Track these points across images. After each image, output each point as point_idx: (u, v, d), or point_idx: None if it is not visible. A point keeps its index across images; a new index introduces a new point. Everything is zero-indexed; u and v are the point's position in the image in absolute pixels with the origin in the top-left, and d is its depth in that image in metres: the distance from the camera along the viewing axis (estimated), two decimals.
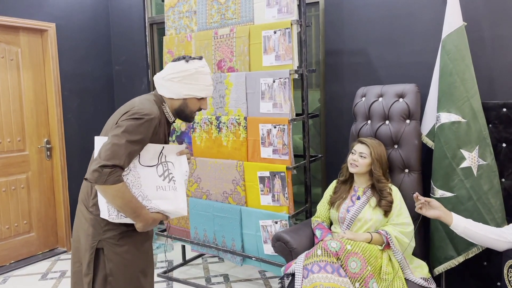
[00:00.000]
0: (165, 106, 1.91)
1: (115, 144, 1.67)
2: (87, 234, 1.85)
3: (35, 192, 3.98)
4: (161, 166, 1.87)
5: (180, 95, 1.89)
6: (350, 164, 2.51)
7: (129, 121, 1.72)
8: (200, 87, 1.89)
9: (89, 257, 1.82)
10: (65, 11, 4.11)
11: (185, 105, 1.92)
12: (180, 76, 1.86)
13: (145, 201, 1.80)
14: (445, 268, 2.52)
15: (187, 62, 1.87)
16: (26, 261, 3.88)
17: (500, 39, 2.62)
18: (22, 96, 3.86)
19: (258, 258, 2.96)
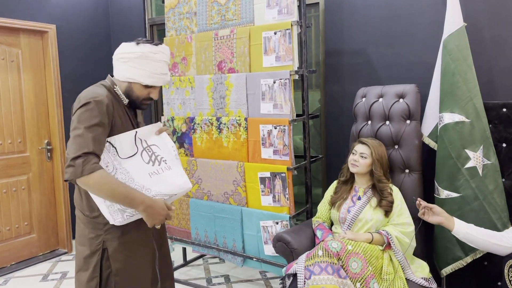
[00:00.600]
0: (116, 89, 1.83)
1: (77, 136, 1.63)
2: (89, 238, 1.81)
3: (35, 194, 3.98)
4: (145, 153, 1.81)
5: (123, 77, 1.80)
6: (351, 164, 2.51)
7: (79, 110, 1.68)
8: (145, 73, 1.77)
9: (96, 260, 1.79)
10: (65, 12, 4.12)
11: (130, 89, 1.82)
12: (126, 58, 1.76)
13: (145, 191, 1.74)
14: (453, 269, 2.52)
15: (137, 44, 1.76)
16: (27, 263, 3.89)
17: (500, 39, 2.62)
18: (22, 98, 3.86)
19: (259, 258, 2.96)
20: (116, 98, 1.82)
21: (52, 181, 4.12)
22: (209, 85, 3.12)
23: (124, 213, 1.72)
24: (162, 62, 1.82)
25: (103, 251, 1.79)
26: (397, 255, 2.31)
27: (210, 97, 3.13)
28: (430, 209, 2.17)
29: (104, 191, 1.64)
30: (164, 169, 1.84)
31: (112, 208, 1.71)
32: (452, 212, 2.47)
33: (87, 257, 1.81)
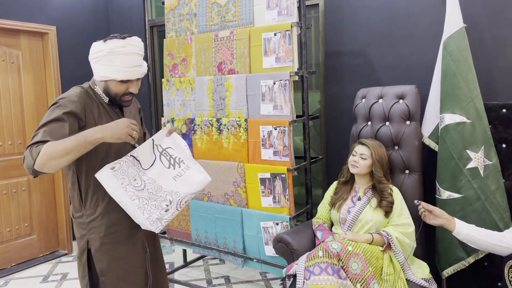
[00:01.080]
0: (96, 88, 1.86)
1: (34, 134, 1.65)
2: (77, 238, 1.88)
3: (36, 195, 3.99)
4: (163, 157, 1.87)
5: (99, 77, 1.80)
6: (351, 165, 2.52)
7: (47, 111, 1.71)
8: (116, 68, 1.75)
9: (83, 259, 1.84)
10: (65, 14, 4.12)
11: (108, 87, 1.83)
12: (96, 57, 1.77)
13: (174, 195, 1.82)
14: (455, 270, 2.52)
15: (104, 42, 1.75)
16: (27, 264, 3.89)
17: (499, 40, 2.63)
18: (23, 99, 3.87)
19: (259, 259, 2.97)
20: (94, 97, 1.84)
21: (52, 182, 4.12)
22: (209, 86, 3.13)
23: (162, 220, 1.79)
24: (133, 54, 1.78)
25: (88, 251, 1.83)
26: (397, 256, 2.31)
27: (210, 98, 3.14)
28: (431, 211, 2.16)
29: (60, 155, 1.58)
30: (185, 169, 1.89)
31: (151, 219, 1.77)
32: (454, 213, 2.47)
33: (78, 256, 1.88)
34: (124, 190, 1.75)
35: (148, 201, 1.79)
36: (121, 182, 1.75)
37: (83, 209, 1.83)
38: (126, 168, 1.78)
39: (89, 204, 1.83)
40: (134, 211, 1.77)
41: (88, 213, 1.83)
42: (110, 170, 1.75)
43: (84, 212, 1.83)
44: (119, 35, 1.78)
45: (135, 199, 1.77)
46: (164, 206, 1.81)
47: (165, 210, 1.80)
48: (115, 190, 1.75)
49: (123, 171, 1.77)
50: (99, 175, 1.75)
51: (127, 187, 1.76)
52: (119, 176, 1.75)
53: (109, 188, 1.76)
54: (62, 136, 1.62)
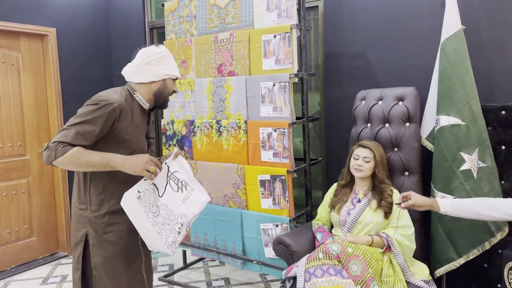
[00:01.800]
0: (136, 94, 1.95)
1: (65, 128, 1.75)
2: (75, 229, 1.91)
3: (35, 197, 3.99)
4: (172, 182, 1.94)
5: (161, 76, 1.95)
6: (355, 169, 2.50)
7: (85, 107, 1.79)
8: (173, 67, 1.99)
9: (78, 251, 1.88)
10: (65, 16, 4.13)
11: (165, 86, 1.99)
12: (157, 58, 1.94)
13: (184, 218, 1.90)
14: (446, 270, 2.54)
15: (157, 46, 1.96)
16: (27, 266, 3.89)
17: (499, 42, 2.64)
18: (22, 101, 3.87)
19: (259, 261, 2.97)
20: (132, 103, 1.92)
21: (52, 184, 4.12)
22: (209, 88, 3.13)
23: (176, 242, 1.87)
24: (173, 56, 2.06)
25: (85, 243, 1.88)
26: (397, 258, 2.31)
27: (210, 100, 3.14)
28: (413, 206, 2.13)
29: (81, 164, 1.74)
30: (191, 191, 2.00)
31: (168, 243, 1.83)
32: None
33: (74, 247, 1.92)
34: (147, 218, 1.80)
35: (163, 225, 1.85)
36: (144, 210, 1.79)
37: (89, 204, 1.88)
38: (148, 196, 1.83)
39: (95, 201, 1.88)
40: (154, 237, 1.82)
41: (93, 208, 1.88)
42: (136, 199, 1.78)
43: (90, 207, 1.88)
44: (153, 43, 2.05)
45: (155, 225, 1.82)
46: (177, 229, 1.89)
47: (178, 233, 1.89)
48: (140, 218, 1.79)
49: (146, 199, 1.82)
50: (126, 204, 1.78)
51: (148, 214, 1.80)
52: (143, 204, 1.79)
53: (134, 217, 1.80)
54: (92, 140, 1.77)
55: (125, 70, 1.98)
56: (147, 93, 1.97)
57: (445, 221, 2.50)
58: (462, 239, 2.47)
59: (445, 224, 2.51)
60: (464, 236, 2.47)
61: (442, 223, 2.52)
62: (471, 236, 2.46)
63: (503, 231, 2.44)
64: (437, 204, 2.10)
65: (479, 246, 2.45)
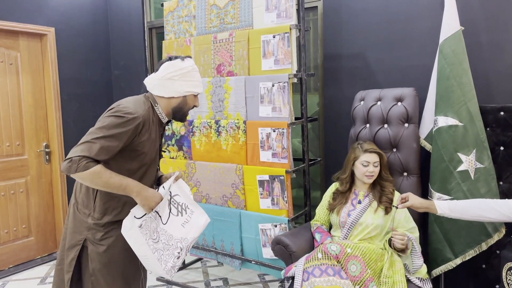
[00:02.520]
0: (157, 107, 1.92)
1: (90, 140, 1.70)
2: (73, 231, 1.88)
3: (34, 197, 3.98)
4: (172, 206, 1.92)
5: (181, 93, 1.92)
6: (366, 176, 2.46)
7: (109, 118, 1.74)
8: (196, 83, 1.96)
9: (73, 254, 1.85)
10: (64, 15, 4.12)
11: (185, 102, 1.96)
12: (180, 74, 1.90)
13: (184, 242, 1.88)
14: (442, 270, 2.54)
15: (182, 60, 1.92)
16: (25, 266, 3.88)
17: (497, 43, 2.64)
18: (21, 101, 3.86)
19: (257, 261, 2.96)
20: (153, 116, 1.89)
21: (50, 184, 4.11)
22: (208, 88, 3.13)
23: (175, 267, 1.86)
24: (198, 71, 2.01)
25: (82, 248, 1.85)
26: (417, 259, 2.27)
27: (209, 100, 3.14)
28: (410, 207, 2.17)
29: (98, 183, 1.72)
30: (190, 214, 1.98)
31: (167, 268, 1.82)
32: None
33: (69, 248, 1.88)
34: (148, 245, 1.78)
35: (163, 251, 1.83)
36: (145, 238, 1.77)
37: (93, 211, 1.86)
38: (149, 224, 1.81)
39: (100, 209, 1.86)
40: (154, 264, 1.81)
41: (96, 216, 1.85)
42: (138, 228, 1.76)
43: (93, 214, 1.86)
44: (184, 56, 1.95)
45: (155, 251, 1.80)
46: (176, 254, 1.87)
47: (177, 258, 1.87)
48: (141, 246, 1.77)
49: (147, 227, 1.80)
50: (126, 233, 1.76)
51: (149, 241, 1.79)
52: (144, 232, 1.78)
53: (134, 245, 1.78)
54: (113, 155, 1.74)
55: (147, 80, 1.95)
56: (167, 107, 1.94)
57: (441, 222, 2.50)
58: (459, 239, 2.48)
59: (442, 225, 2.51)
60: (461, 236, 2.47)
61: (438, 223, 2.52)
62: (467, 236, 2.46)
63: (500, 232, 2.44)
64: (434, 206, 2.11)
65: (475, 246, 2.45)
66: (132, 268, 1.96)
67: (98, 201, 1.85)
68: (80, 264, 1.87)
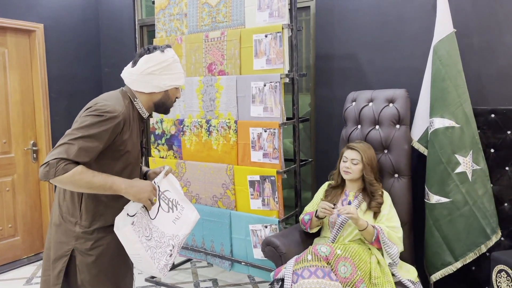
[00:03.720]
0: (137, 102, 1.81)
1: (67, 142, 1.60)
2: (60, 241, 1.76)
3: (20, 195, 3.91)
4: (162, 202, 1.85)
5: (163, 88, 1.81)
6: (344, 171, 2.50)
7: (87, 117, 1.64)
8: (178, 75, 1.84)
9: (61, 266, 1.74)
10: (53, 12, 4.06)
11: (167, 97, 1.86)
12: (160, 68, 1.78)
13: (175, 239, 1.82)
14: (442, 275, 2.53)
15: (162, 52, 1.78)
16: (11, 266, 3.81)
17: (489, 45, 2.65)
18: (8, 98, 3.79)
19: (247, 263, 2.94)
20: (132, 111, 1.79)
21: (37, 183, 4.04)
22: (199, 87, 3.10)
23: (167, 265, 1.79)
24: (179, 61, 1.89)
25: (70, 258, 1.74)
26: (389, 249, 2.28)
27: (200, 99, 3.11)
28: None
29: (81, 185, 1.61)
30: (181, 211, 1.92)
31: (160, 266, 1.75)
32: (442, 218, 2.48)
33: (55, 260, 1.77)
34: (141, 243, 1.69)
35: (156, 249, 1.75)
36: (138, 235, 1.68)
37: (79, 218, 1.75)
38: (141, 220, 1.72)
39: (87, 216, 1.75)
40: (147, 262, 1.72)
41: (83, 224, 1.75)
42: (130, 226, 1.67)
43: (80, 222, 1.75)
44: (164, 45, 1.83)
45: (148, 250, 1.72)
46: (169, 252, 1.81)
47: (169, 255, 1.81)
48: (134, 245, 1.68)
49: (140, 223, 1.71)
50: (120, 232, 1.67)
51: (142, 239, 1.70)
52: (137, 229, 1.69)
53: (127, 244, 1.68)
54: (94, 157, 1.64)
55: (125, 74, 1.83)
56: (147, 102, 1.83)
57: (440, 225, 2.50)
58: (458, 242, 2.47)
59: (441, 228, 2.50)
60: (460, 239, 2.47)
61: (437, 226, 2.51)
62: (467, 239, 2.46)
63: (497, 234, 2.45)
64: None
65: (475, 249, 2.45)
66: (122, 274, 1.88)
67: (84, 208, 1.74)
68: (68, 275, 1.76)
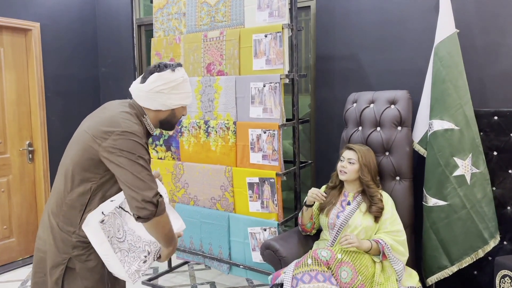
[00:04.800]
0: (146, 119, 1.80)
1: (140, 172, 1.58)
2: (56, 248, 1.72)
3: (16, 197, 3.86)
4: None
5: (170, 106, 1.79)
6: (340, 171, 2.47)
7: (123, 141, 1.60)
8: (186, 95, 1.83)
9: (58, 274, 1.70)
10: (50, 10, 4.01)
11: (173, 115, 1.84)
12: (169, 87, 1.75)
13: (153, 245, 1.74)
14: (438, 278, 2.50)
15: (173, 71, 1.76)
16: (6, 268, 3.75)
17: (492, 46, 2.61)
18: (3, 97, 3.74)
19: (245, 266, 2.89)
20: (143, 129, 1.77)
21: (33, 183, 3.99)
22: (197, 87, 3.06)
23: (140, 271, 1.73)
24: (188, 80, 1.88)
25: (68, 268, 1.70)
26: (395, 265, 2.25)
27: (198, 99, 3.06)
28: None
29: (165, 230, 1.67)
30: None
31: (130, 271, 1.70)
32: (439, 221, 2.45)
33: (51, 268, 1.73)
34: (110, 243, 1.66)
35: (128, 252, 1.71)
36: (107, 235, 1.66)
37: (78, 228, 1.70)
38: (113, 220, 1.69)
39: None
40: (115, 264, 1.69)
41: (82, 234, 1.70)
42: (99, 223, 1.63)
43: (78, 231, 1.70)
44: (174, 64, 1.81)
45: (118, 251, 1.68)
46: (143, 258, 1.73)
47: (143, 262, 1.73)
48: (102, 244, 1.65)
49: (111, 223, 1.68)
50: (87, 228, 1.64)
51: (112, 239, 1.67)
52: (106, 229, 1.66)
53: (95, 242, 1.66)
54: None
55: (133, 89, 1.82)
56: (154, 118, 1.82)
57: (437, 228, 2.46)
58: (455, 246, 2.43)
59: (438, 231, 2.46)
60: (457, 243, 2.43)
61: (434, 229, 2.48)
62: (464, 243, 2.42)
63: (495, 239, 2.41)
64: None
65: (472, 253, 2.42)
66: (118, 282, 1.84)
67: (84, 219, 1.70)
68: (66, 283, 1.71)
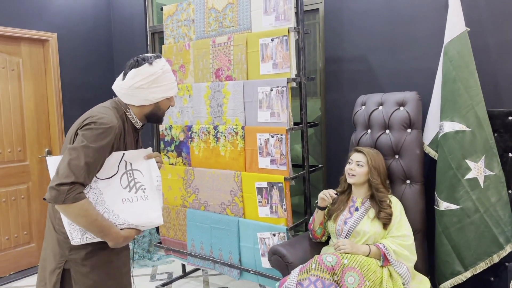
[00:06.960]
0: (129, 113, 1.80)
1: (72, 159, 1.57)
2: (54, 253, 1.74)
3: (35, 203, 3.96)
4: (125, 176, 1.74)
5: (152, 100, 1.78)
6: (348, 174, 2.42)
7: (86, 132, 1.61)
8: (168, 86, 1.80)
9: (55, 278, 1.71)
10: (66, 21, 4.12)
11: (158, 108, 1.83)
12: (149, 82, 1.74)
13: (112, 216, 1.68)
14: (451, 284, 2.41)
15: (151, 64, 1.74)
16: (26, 272, 3.85)
17: (505, 44, 2.52)
18: (23, 106, 3.85)
19: (255, 271, 2.87)
20: (126, 123, 1.78)
21: None
22: (206, 93, 3.07)
23: (85, 234, 1.66)
24: (170, 70, 1.84)
25: (64, 271, 1.71)
26: (398, 269, 2.19)
27: (208, 105, 3.08)
28: None
29: (81, 221, 1.60)
30: (140, 198, 1.75)
31: (73, 227, 1.65)
32: (451, 225, 2.37)
33: (51, 271, 1.74)
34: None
35: None
36: None
37: None
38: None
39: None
40: None
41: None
42: None
43: None
44: (154, 55, 1.79)
45: None
46: None
47: None
48: None
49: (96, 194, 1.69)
50: None
51: None
52: None
53: None
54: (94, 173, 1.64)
55: (115, 86, 1.82)
56: (139, 113, 1.82)
57: (450, 233, 2.38)
58: (468, 251, 2.35)
59: (450, 236, 2.39)
60: (471, 248, 2.35)
61: (447, 234, 2.40)
62: (478, 248, 2.34)
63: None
64: None
65: (486, 259, 2.33)
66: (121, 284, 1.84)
67: None
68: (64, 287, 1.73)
